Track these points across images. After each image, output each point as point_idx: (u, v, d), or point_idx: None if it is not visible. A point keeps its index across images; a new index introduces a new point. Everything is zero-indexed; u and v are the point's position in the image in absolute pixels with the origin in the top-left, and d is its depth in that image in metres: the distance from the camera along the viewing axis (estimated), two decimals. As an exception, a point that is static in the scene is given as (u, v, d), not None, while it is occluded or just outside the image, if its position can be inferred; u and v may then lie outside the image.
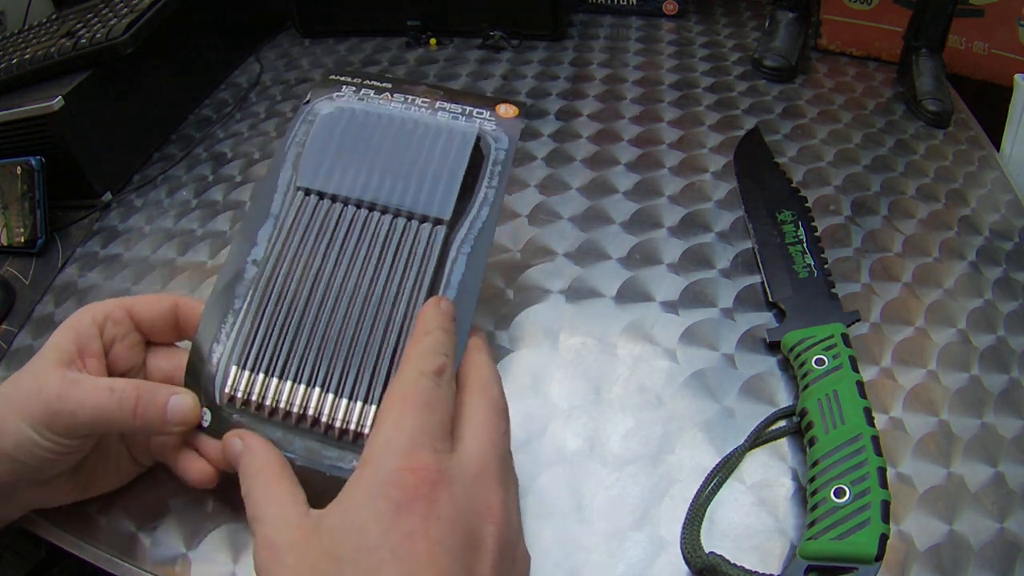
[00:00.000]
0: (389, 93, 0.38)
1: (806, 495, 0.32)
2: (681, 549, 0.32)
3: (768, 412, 0.37)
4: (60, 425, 0.29)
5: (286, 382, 0.31)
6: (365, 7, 0.74)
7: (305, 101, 0.38)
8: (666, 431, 0.36)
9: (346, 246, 0.34)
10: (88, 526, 0.34)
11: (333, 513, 0.25)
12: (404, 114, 0.37)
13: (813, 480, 0.32)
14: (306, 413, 0.31)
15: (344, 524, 0.24)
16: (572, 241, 0.48)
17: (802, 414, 0.35)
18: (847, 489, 0.30)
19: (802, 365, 0.37)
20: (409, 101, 0.38)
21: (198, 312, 0.33)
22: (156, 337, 0.34)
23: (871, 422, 0.33)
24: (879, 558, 0.28)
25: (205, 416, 0.31)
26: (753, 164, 0.53)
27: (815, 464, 0.32)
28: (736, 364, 0.39)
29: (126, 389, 0.29)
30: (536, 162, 0.55)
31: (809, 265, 0.43)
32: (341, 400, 0.31)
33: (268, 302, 0.33)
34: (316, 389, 0.31)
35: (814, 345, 0.37)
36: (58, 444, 0.29)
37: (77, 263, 0.52)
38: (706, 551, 0.31)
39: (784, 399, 0.38)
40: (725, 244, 0.47)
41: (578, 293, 0.44)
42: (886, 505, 0.29)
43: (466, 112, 0.38)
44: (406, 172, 0.35)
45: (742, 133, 0.57)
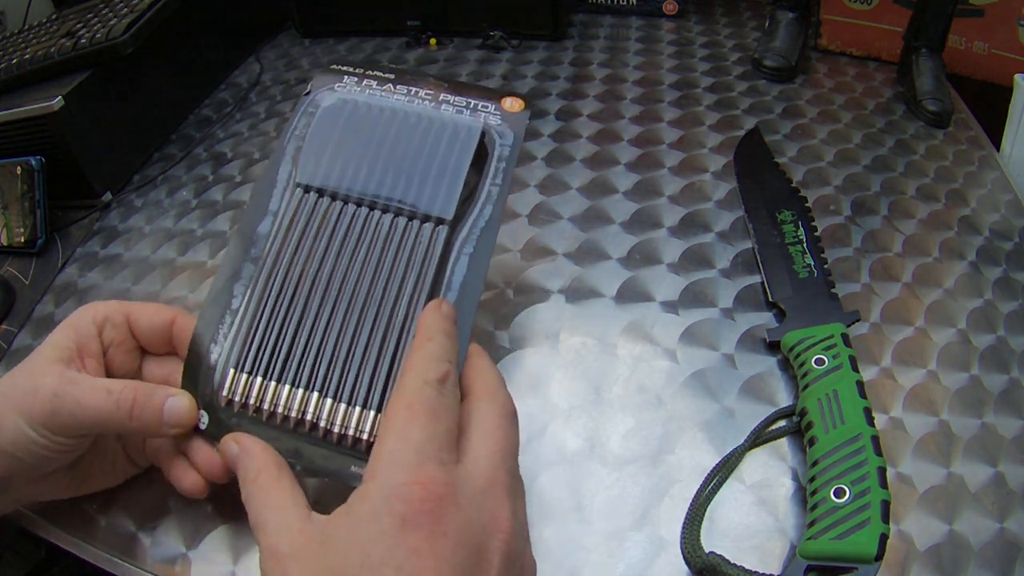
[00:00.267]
0: (392, 84, 0.37)
1: (806, 495, 0.32)
2: (681, 549, 0.32)
3: (768, 412, 0.37)
4: (57, 424, 0.29)
5: (284, 386, 0.31)
6: (365, 7, 0.74)
7: (306, 92, 0.37)
8: (666, 431, 0.36)
9: (346, 246, 0.33)
10: (88, 526, 0.34)
11: (338, 526, 0.25)
12: (407, 107, 0.36)
13: (813, 480, 0.32)
14: (304, 418, 0.30)
15: (349, 538, 0.24)
16: (572, 241, 0.48)
17: (802, 414, 0.35)
18: (847, 489, 0.30)
19: (802, 365, 0.37)
20: (412, 94, 0.37)
21: (191, 334, 0.33)
22: (151, 348, 0.34)
23: (871, 422, 0.33)
24: (879, 558, 0.28)
25: (202, 418, 0.31)
26: (753, 164, 0.53)
27: (815, 464, 0.32)
28: (736, 364, 0.39)
29: (123, 390, 0.29)
30: (536, 162, 0.55)
31: (809, 265, 0.43)
32: (340, 405, 0.30)
33: (266, 303, 0.32)
34: (315, 393, 0.31)
35: (814, 345, 0.37)
36: (54, 442, 0.29)
37: (77, 263, 0.52)
38: (706, 551, 0.31)
39: (784, 399, 0.38)
40: (725, 244, 0.47)
41: (578, 293, 0.44)
42: (886, 505, 0.29)
43: (471, 105, 0.37)
44: (408, 169, 0.35)
45: (742, 133, 0.57)
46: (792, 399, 0.38)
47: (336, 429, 0.30)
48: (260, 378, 0.31)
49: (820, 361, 0.36)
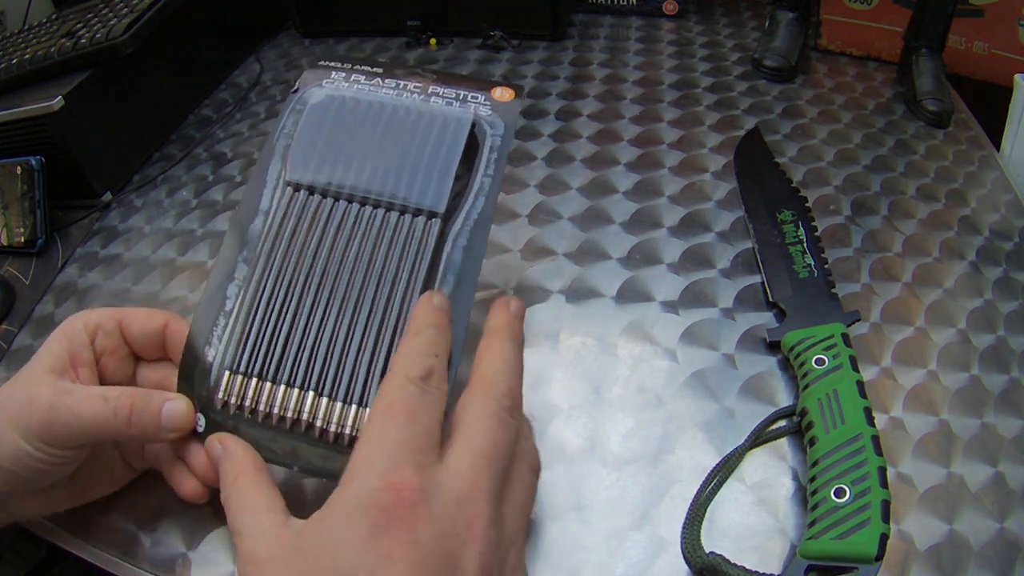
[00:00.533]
0: (380, 79, 0.37)
1: (806, 495, 0.32)
2: (681, 549, 0.32)
3: (768, 412, 0.37)
4: (54, 436, 0.28)
5: (279, 386, 0.31)
6: (365, 7, 0.74)
7: (294, 90, 0.37)
8: (666, 431, 0.36)
9: (338, 243, 0.33)
10: (88, 526, 0.34)
11: (312, 531, 0.24)
12: (396, 101, 0.36)
13: (813, 480, 0.32)
14: (300, 417, 0.30)
15: (322, 543, 0.24)
16: (572, 241, 0.48)
17: (802, 414, 0.35)
18: (847, 489, 0.30)
19: (802, 365, 0.37)
20: (401, 87, 0.37)
21: (184, 338, 0.32)
22: (144, 354, 0.34)
23: (871, 422, 0.33)
24: (879, 558, 0.28)
25: (200, 421, 0.31)
26: (753, 164, 0.53)
27: (815, 464, 0.32)
28: (736, 364, 0.39)
29: (120, 397, 0.29)
30: (536, 162, 0.55)
31: (809, 265, 0.43)
32: (335, 403, 0.30)
33: (259, 303, 0.32)
34: (310, 392, 0.31)
35: (814, 345, 0.37)
36: (52, 455, 0.28)
37: (77, 263, 0.52)
38: (706, 551, 0.31)
39: (784, 399, 0.38)
40: (725, 244, 0.47)
41: (578, 293, 0.44)
42: (886, 505, 0.29)
43: (460, 97, 0.37)
44: (398, 163, 0.34)
45: (742, 133, 0.57)
46: (792, 399, 0.38)
47: (332, 428, 0.30)
48: (255, 379, 0.31)
49: (820, 361, 0.36)
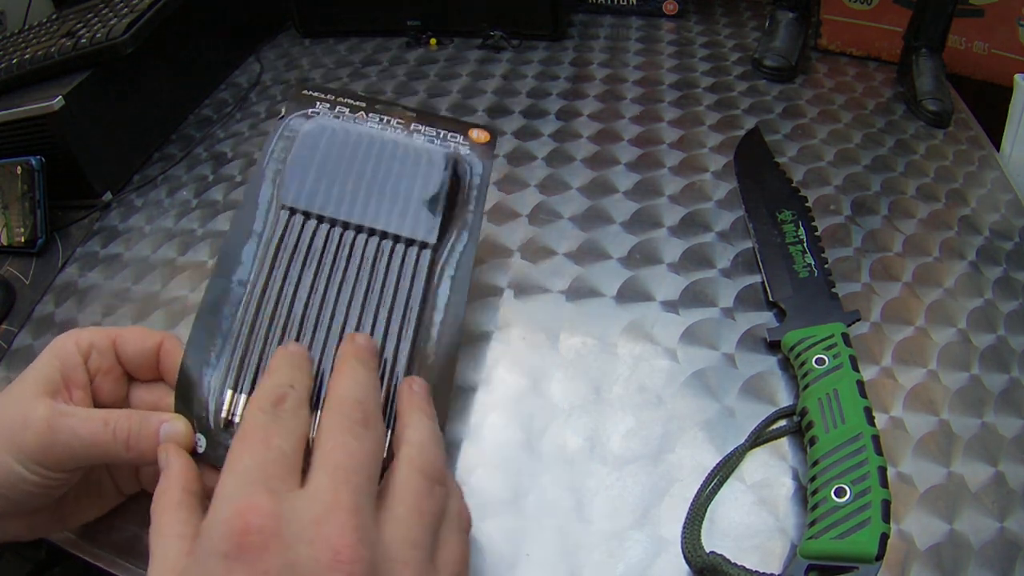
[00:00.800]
0: (364, 112, 0.39)
1: (806, 494, 0.32)
2: (682, 549, 0.32)
3: (768, 412, 0.37)
4: (52, 458, 0.28)
5: None
6: (365, 7, 0.74)
7: (280, 116, 0.38)
8: (666, 431, 0.36)
9: (336, 269, 0.34)
10: (88, 526, 0.34)
11: (188, 563, 0.24)
12: (384, 134, 0.38)
13: (813, 479, 0.32)
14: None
15: (192, 574, 0.23)
16: (572, 241, 0.48)
17: (802, 413, 0.35)
18: (847, 488, 0.30)
19: (802, 364, 0.37)
20: (385, 122, 0.39)
21: (179, 358, 0.32)
22: (138, 374, 0.33)
23: (871, 421, 0.33)
24: (879, 557, 0.28)
25: (200, 442, 0.30)
26: (753, 164, 0.53)
27: (815, 463, 0.32)
28: (736, 364, 0.39)
29: (119, 420, 0.29)
30: (536, 162, 0.55)
31: (809, 265, 0.43)
32: None
33: (260, 324, 0.32)
34: (316, 412, 0.30)
35: (814, 345, 0.37)
36: (47, 478, 0.28)
37: (77, 263, 0.52)
38: (707, 551, 0.31)
39: (784, 398, 0.38)
40: (725, 244, 0.47)
41: (578, 293, 0.44)
42: (886, 504, 0.29)
43: (441, 135, 0.39)
44: (391, 195, 0.36)
45: (742, 133, 0.57)
46: (792, 399, 0.38)
47: None
48: None
49: (820, 361, 0.36)
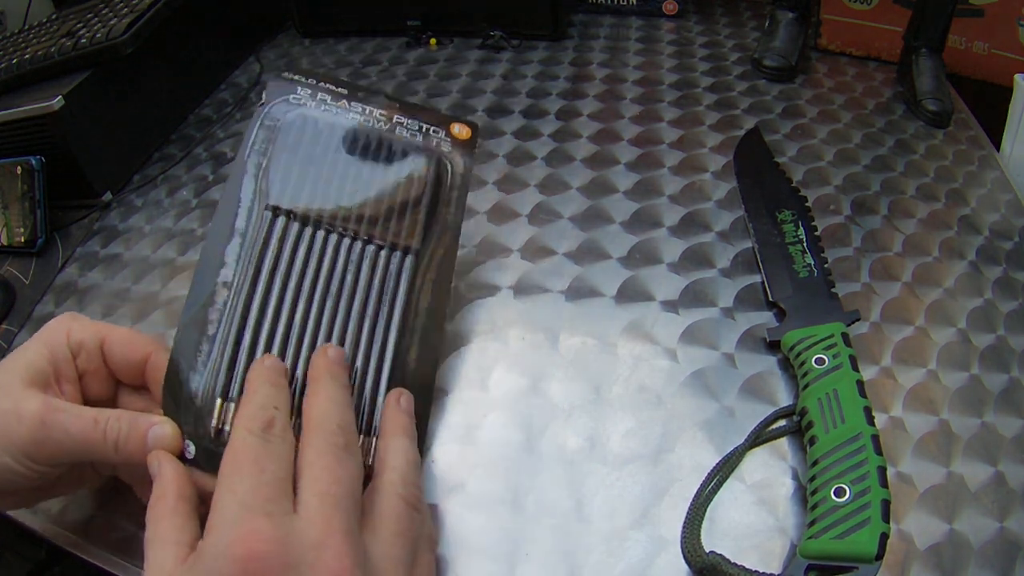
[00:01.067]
0: (346, 100, 0.37)
1: (806, 494, 0.32)
2: (681, 548, 0.32)
3: (768, 411, 0.37)
4: (43, 454, 0.28)
5: None
6: (365, 7, 0.74)
7: (260, 103, 0.36)
8: (666, 430, 0.36)
9: (320, 273, 0.33)
10: (88, 526, 0.34)
11: None
12: (367, 129, 0.37)
13: (813, 479, 0.32)
14: None
15: None
16: (572, 240, 0.48)
17: (802, 413, 0.35)
18: (847, 488, 0.30)
19: (802, 364, 0.37)
20: (367, 113, 0.37)
21: (162, 376, 0.31)
22: (125, 380, 0.33)
23: (871, 421, 0.33)
24: (879, 557, 0.28)
25: (188, 447, 0.29)
26: (753, 164, 0.53)
27: (815, 463, 0.32)
28: (736, 363, 0.39)
29: (109, 420, 0.28)
30: (536, 162, 0.55)
31: (809, 265, 0.43)
32: None
33: (248, 330, 0.31)
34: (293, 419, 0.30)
35: (814, 344, 0.37)
36: (35, 471, 0.28)
37: (77, 263, 0.52)
38: (706, 550, 0.31)
39: (784, 398, 0.38)
40: (725, 244, 0.47)
41: (578, 292, 0.44)
42: (886, 504, 0.29)
43: (423, 129, 0.38)
44: (375, 198, 0.36)
45: (742, 133, 0.57)
46: (792, 398, 0.38)
47: None
48: None
49: (820, 360, 0.36)
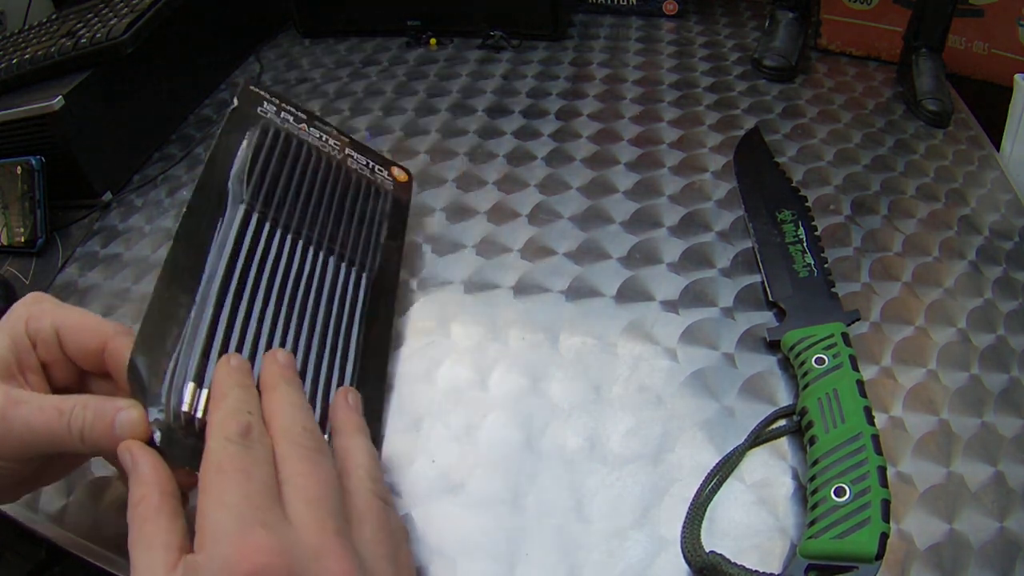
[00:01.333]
0: (306, 124, 0.40)
1: (806, 494, 0.32)
2: (681, 548, 0.32)
3: (768, 411, 0.37)
4: (7, 450, 0.27)
5: None
6: (365, 7, 0.74)
7: (232, 108, 0.37)
8: (666, 430, 0.36)
9: (288, 277, 0.35)
10: (88, 526, 0.34)
11: None
12: (327, 153, 0.40)
13: (813, 479, 0.32)
14: None
15: None
16: (572, 240, 0.48)
17: (802, 413, 0.35)
18: (847, 488, 0.30)
19: (802, 364, 0.37)
20: (324, 140, 0.40)
21: (124, 364, 0.29)
22: (87, 368, 0.31)
23: (871, 421, 0.33)
24: (879, 557, 0.28)
25: (155, 435, 0.27)
26: (753, 164, 0.53)
27: (815, 463, 0.32)
28: (736, 363, 0.39)
29: (74, 409, 0.27)
30: (536, 162, 0.55)
31: (809, 264, 0.43)
32: None
33: (222, 318, 0.31)
34: None
35: (814, 344, 0.37)
36: (3, 468, 0.27)
37: (77, 263, 0.52)
38: (706, 550, 0.31)
39: (784, 398, 0.38)
40: (725, 243, 0.47)
41: (578, 292, 0.44)
42: (886, 504, 0.29)
43: (369, 165, 0.42)
44: (344, 216, 0.39)
45: (742, 133, 0.57)
46: (792, 398, 0.38)
47: None
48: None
49: (820, 360, 0.36)
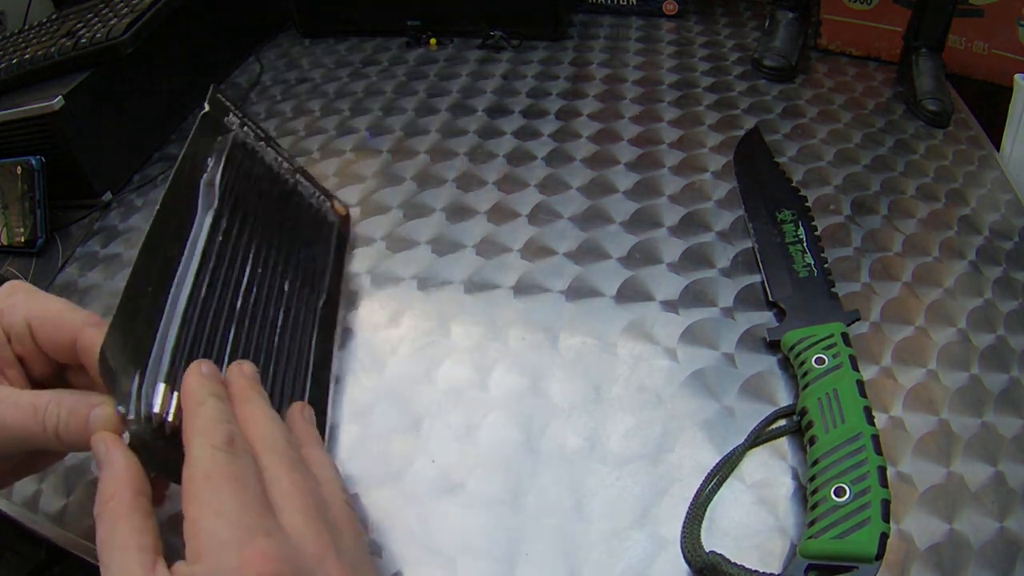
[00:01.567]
0: (264, 143, 0.40)
1: (806, 494, 0.32)
2: (681, 548, 0.32)
3: (768, 411, 0.37)
4: None
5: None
6: (365, 7, 0.74)
7: (204, 113, 0.37)
8: (666, 430, 0.36)
9: (251, 289, 0.35)
10: (88, 526, 0.34)
11: None
12: (285, 175, 0.41)
13: (813, 479, 0.32)
14: None
15: None
16: (572, 240, 0.48)
17: (802, 413, 0.35)
18: (847, 488, 0.30)
19: (802, 364, 0.37)
20: (279, 161, 0.41)
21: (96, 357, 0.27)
22: (62, 360, 0.30)
23: (871, 421, 0.33)
24: (879, 557, 0.28)
25: (124, 435, 0.27)
26: (753, 164, 0.53)
27: (815, 463, 0.32)
28: (736, 363, 0.39)
29: (48, 406, 0.27)
30: (536, 162, 0.55)
31: (809, 264, 0.43)
32: None
33: (190, 320, 0.30)
34: None
35: (814, 344, 0.37)
36: None
37: (77, 263, 0.52)
38: (706, 550, 0.31)
39: (784, 398, 0.38)
40: (725, 243, 0.47)
41: (578, 292, 0.44)
42: (886, 504, 0.29)
43: (316, 196, 0.43)
44: (291, 237, 0.40)
45: (742, 133, 0.57)
46: (792, 398, 0.38)
47: None
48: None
49: (820, 360, 0.36)
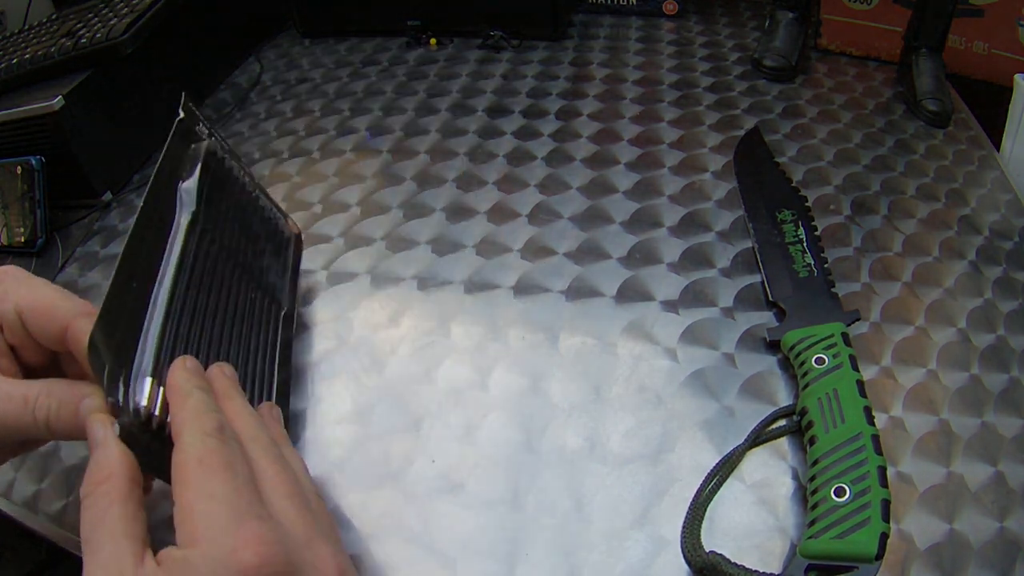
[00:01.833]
0: (229, 156, 0.40)
1: (806, 494, 0.32)
2: (681, 548, 0.32)
3: (768, 411, 0.37)
4: None
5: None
6: (365, 7, 0.74)
7: (180, 119, 0.37)
8: (666, 430, 0.36)
9: (226, 294, 0.35)
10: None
11: None
12: (249, 189, 0.41)
13: (813, 479, 0.32)
14: None
15: None
16: (572, 240, 0.48)
17: (802, 413, 0.35)
18: (847, 488, 0.30)
19: (802, 364, 0.37)
20: (243, 174, 0.41)
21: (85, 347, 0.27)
22: (53, 349, 0.30)
23: (871, 421, 0.33)
24: (879, 557, 0.28)
25: (115, 427, 0.27)
26: (753, 164, 0.53)
27: (815, 463, 0.32)
28: (736, 363, 0.39)
29: (39, 398, 0.27)
30: (536, 162, 0.55)
31: (809, 264, 0.43)
32: None
33: (173, 317, 0.30)
34: None
35: (814, 344, 0.37)
36: None
37: (77, 263, 0.52)
38: (706, 550, 0.31)
39: (784, 398, 0.38)
40: (725, 243, 0.47)
41: (578, 292, 0.44)
42: (886, 504, 0.29)
43: (274, 213, 0.44)
44: (256, 248, 0.40)
45: (742, 133, 0.57)
46: (792, 398, 0.38)
47: None
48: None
49: (820, 360, 0.36)
